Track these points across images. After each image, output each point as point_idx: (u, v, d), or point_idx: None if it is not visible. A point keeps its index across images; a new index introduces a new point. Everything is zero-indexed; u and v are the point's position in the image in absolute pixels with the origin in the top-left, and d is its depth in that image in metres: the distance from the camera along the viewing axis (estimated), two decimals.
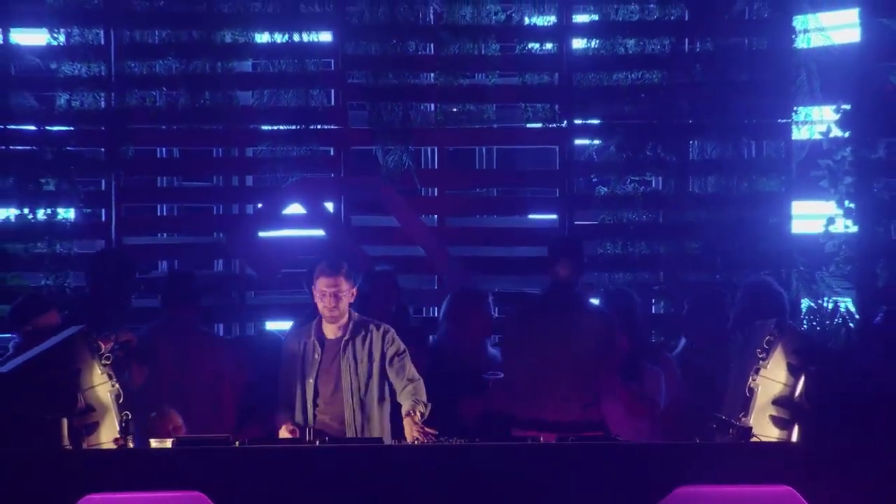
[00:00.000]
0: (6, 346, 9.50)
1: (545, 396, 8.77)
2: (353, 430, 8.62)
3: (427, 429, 8.40)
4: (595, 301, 9.53)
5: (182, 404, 8.78)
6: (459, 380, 8.98)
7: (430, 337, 9.54)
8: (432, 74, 10.57)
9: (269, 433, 8.73)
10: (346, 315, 8.56)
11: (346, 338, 8.63)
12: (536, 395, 8.77)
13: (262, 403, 9.00)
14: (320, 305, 8.47)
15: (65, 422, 7.95)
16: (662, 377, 9.23)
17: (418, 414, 8.43)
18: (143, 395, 8.77)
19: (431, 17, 10.54)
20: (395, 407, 8.67)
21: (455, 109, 10.57)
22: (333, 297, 8.46)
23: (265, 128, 10.52)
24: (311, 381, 8.66)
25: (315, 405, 8.68)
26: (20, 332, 8.88)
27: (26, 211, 10.25)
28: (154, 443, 8.21)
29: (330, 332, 8.65)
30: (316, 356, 8.65)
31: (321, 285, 8.46)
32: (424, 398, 8.54)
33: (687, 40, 10.52)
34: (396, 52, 10.49)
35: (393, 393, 8.62)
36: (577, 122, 10.58)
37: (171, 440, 8.24)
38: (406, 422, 8.47)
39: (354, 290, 8.54)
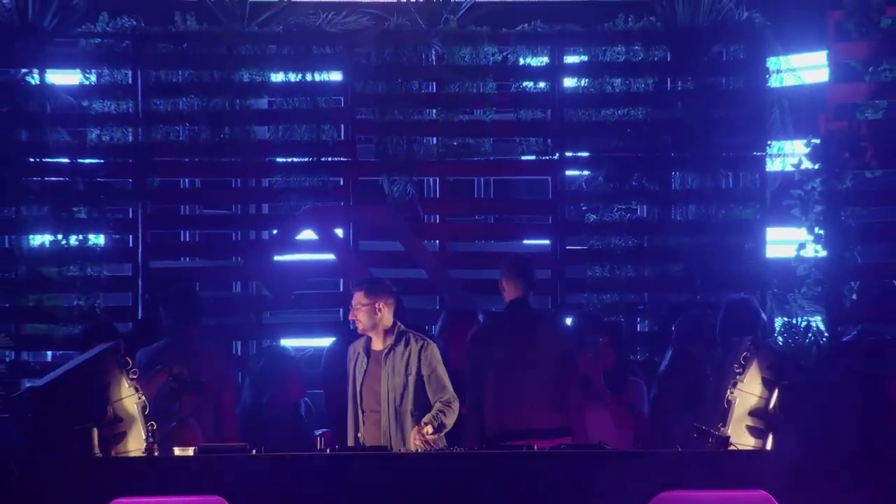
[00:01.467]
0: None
1: (514, 405, 8.76)
2: (389, 439, 8.59)
3: (427, 437, 8.40)
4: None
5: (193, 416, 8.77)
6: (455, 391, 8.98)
7: None
8: (434, 111, 10.57)
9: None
10: (384, 327, 8.57)
11: (385, 350, 8.64)
12: (505, 404, 8.77)
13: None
14: None
15: (95, 431, 7.95)
16: (644, 388, 9.24)
17: (427, 427, 8.42)
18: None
19: (433, 58, 10.54)
20: None
21: (455, 143, 10.56)
22: (354, 311, 8.52)
23: (280, 160, 10.51)
24: (358, 389, 8.69)
25: (363, 412, 8.67)
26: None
27: (60, 237, 10.23)
28: (177, 450, 8.20)
29: (375, 343, 8.67)
30: (362, 366, 8.66)
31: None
32: (445, 420, 8.48)
33: (669, 80, 10.52)
34: (401, 90, 10.48)
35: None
36: (568, 154, 10.57)
37: (192, 448, 8.24)
38: (413, 431, 8.47)
39: (382, 305, 8.53)
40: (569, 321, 9.62)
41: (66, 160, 10.36)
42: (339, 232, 10.50)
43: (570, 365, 8.77)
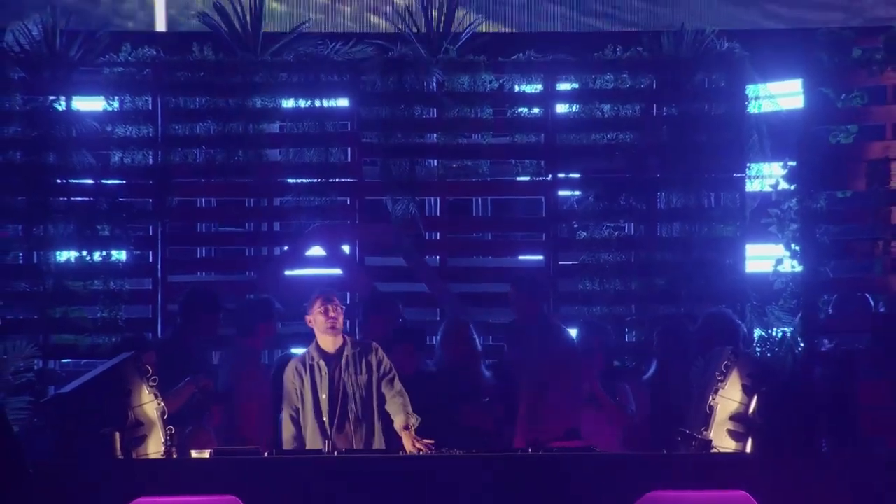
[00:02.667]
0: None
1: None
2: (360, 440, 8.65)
3: (424, 440, 8.42)
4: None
5: (241, 421, 8.74)
6: (455, 397, 9.01)
7: (428, 362, 9.54)
8: (435, 135, 10.56)
9: None
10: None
11: (338, 353, 8.68)
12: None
13: None
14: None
15: (117, 435, 7.98)
16: (630, 392, 9.26)
17: (412, 428, 8.45)
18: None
19: (434, 85, 10.51)
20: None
21: (455, 165, 10.54)
22: (338, 316, 8.76)
23: (290, 181, 10.49)
24: (324, 396, 8.69)
25: (331, 418, 8.67)
26: None
27: (85, 253, 10.22)
28: (194, 453, 8.23)
29: (328, 348, 8.74)
30: (323, 374, 8.68)
31: None
32: (411, 410, 8.55)
33: (655, 106, 10.51)
34: (404, 115, 10.47)
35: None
36: (560, 175, 10.55)
37: (208, 451, 8.26)
38: (404, 435, 8.47)
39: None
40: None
41: (90, 181, 10.35)
42: (346, 248, 10.49)
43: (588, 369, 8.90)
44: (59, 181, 10.27)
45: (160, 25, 11.19)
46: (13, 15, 10.44)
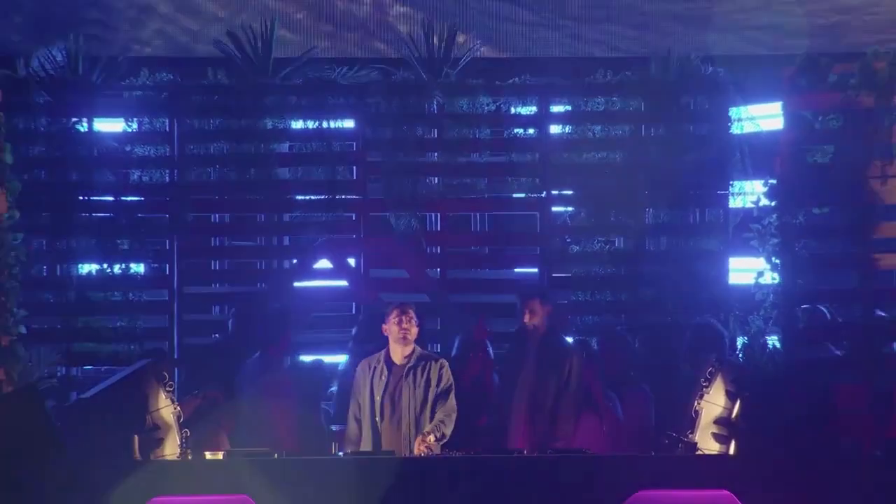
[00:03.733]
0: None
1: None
2: (408, 446, 8.63)
3: (431, 445, 8.41)
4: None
5: (271, 425, 8.77)
6: (471, 405, 9.01)
7: None
8: (436, 154, 10.57)
9: None
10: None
11: (407, 365, 8.67)
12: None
13: None
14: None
15: (136, 438, 7.99)
16: (616, 399, 9.22)
17: (430, 437, 8.42)
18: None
19: (435, 107, 10.52)
20: None
21: (454, 182, 10.55)
22: (410, 325, 8.75)
23: (299, 197, 10.50)
24: (378, 400, 8.70)
25: (381, 422, 8.68)
26: None
27: (105, 266, 10.24)
28: (208, 455, 8.23)
29: (396, 358, 8.74)
30: (382, 379, 8.68)
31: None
32: (446, 430, 8.51)
33: (643, 127, 10.50)
34: (406, 135, 10.48)
35: None
36: (554, 192, 10.56)
37: (222, 452, 8.27)
38: (416, 439, 8.47)
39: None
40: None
41: (110, 198, 10.38)
42: (352, 261, 10.49)
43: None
44: (81, 198, 10.29)
45: (176, 51, 11.20)
46: (40, 41, 10.47)
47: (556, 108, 10.60)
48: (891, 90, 9.47)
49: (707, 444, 8.40)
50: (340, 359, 9.80)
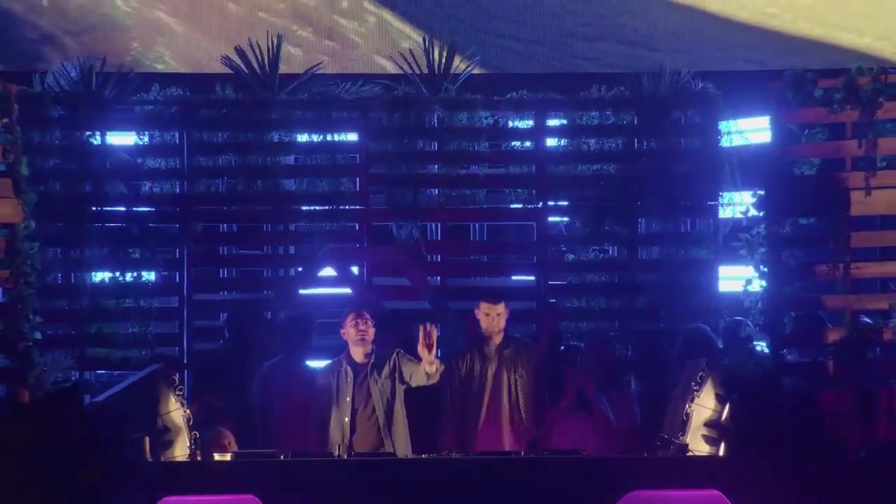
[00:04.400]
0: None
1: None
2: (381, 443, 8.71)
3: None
4: None
5: (291, 427, 8.81)
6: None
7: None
8: (436, 166, 10.57)
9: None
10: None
11: (368, 363, 8.78)
12: None
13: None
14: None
15: (147, 440, 7.99)
16: (605, 401, 9.22)
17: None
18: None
19: (435, 121, 10.53)
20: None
21: (454, 193, 10.55)
22: (367, 329, 8.88)
23: (304, 208, 10.51)
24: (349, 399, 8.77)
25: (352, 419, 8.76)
26: None
27: (117, 274, 10.25)
28: (216, 456, 8.23)
29: (357, 357, 8.84)
30: (348, 378, 8.81)
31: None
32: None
33: (636, 140, 10.51)
34: (407, 148, 10.49)
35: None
36: (550, 203, 10.57)
37: (230, 454, 8.27)
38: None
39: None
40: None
41: (122, 209, 10.38)
42: (355, 269, 10.49)
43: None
44: (94, 209, 10.29)
45: (186, 67, 11.23)
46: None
47: (552, 122, 10.61)
48: (874, 105, 9.48)
49: (698, 445, 8.39)
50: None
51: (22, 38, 11.06)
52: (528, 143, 10.61)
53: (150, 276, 10.35)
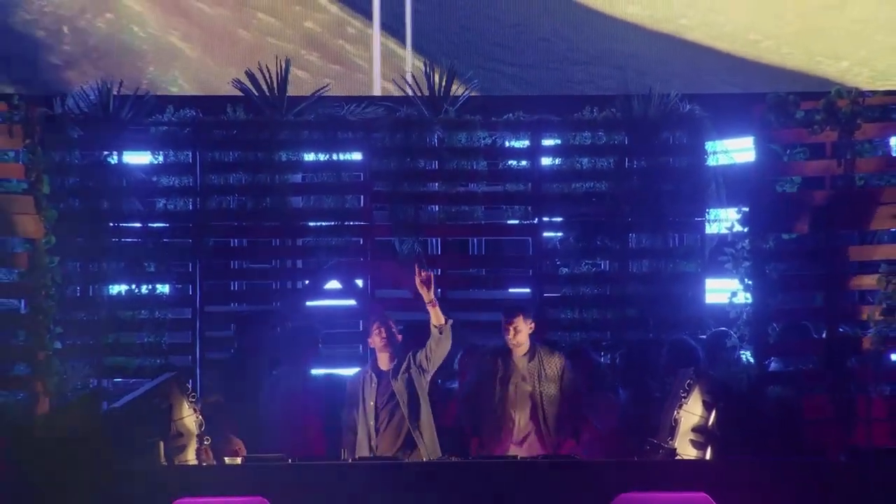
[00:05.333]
0: None
1: None
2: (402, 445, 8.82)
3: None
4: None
5: (294, 432, 8.83)
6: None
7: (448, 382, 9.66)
8: (436, 184, 10.57)
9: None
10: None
11: (392, 370, 8.97)
12: None
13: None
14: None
15: (161, 444, 8.02)
16: (615, 403, 9.23)
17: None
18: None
19: (436, 141, 10.53)
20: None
21: (453, 210, 10.54)
22: (389, 334, 8.99)
23: (311, 224, 10.50)
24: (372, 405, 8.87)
25: (376, 424, 8.86)
26: None
27: (133, 287, 10.24)
28: (227, 460, 8.27)
29: (382, 364, 8.95)
30: (373, 385, 8.90)
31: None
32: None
33: (627, 159, 10.50)
34: (409, 167, 10.49)
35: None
36: (545, 219, 10.56)
37: (240, 458, 8.31)
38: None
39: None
40: None
41: (138, 224, 10.38)
42: (359, 282, 10.51)
43: None
44: (111, 225, 10.27)
45: (199, 90, 11.26)
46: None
47: (547, 142, 10.62)
48: (852, 126, 9.53)
49: (685, 450, 8.42)
50: (350, 372, 9.82)
51: (45, 63, 11.10)
52: (524, 162, 10.62)
53: (164, 288, 10.34)
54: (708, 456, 8.37)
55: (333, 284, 10.51)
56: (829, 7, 11.32)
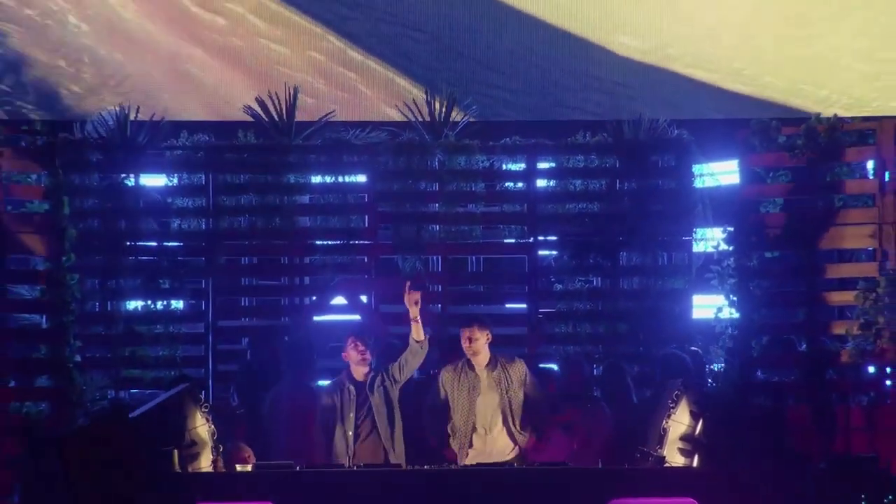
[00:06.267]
0: None
1: None
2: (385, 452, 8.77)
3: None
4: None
5: (298, 440, 8.85)
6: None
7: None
8: (437, 204, 10.58)
9: None
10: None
11: (368, 381, 8.93)
12: None
13: None
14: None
15: (176, 452, 8.02)
16: (607, 412, 9.25)
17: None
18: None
19: (436, 164, 10.55)
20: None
21: (453, 229, 10.55)
22: (366, 350, 8.98)
23: (318, 242, 10.51)
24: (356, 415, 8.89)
25: (356, 433, 8.85)
26: None
27: (149, 302, 10.27)
28: (238, 467, 8.28)
29: (358, 376, 8.94)
30: (352, 397, 8.89)
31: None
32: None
33: (618, 181, 10.53)
34: (412, 189, 10.52)
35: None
36: (540, 238, 10.58)
37: (250, 465, 8.32)
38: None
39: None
40: None
41: (154, 243, 10.41)
42: (364, 298, 10.53)
43: None
44: (128, 244, 10.29)
45: (211, 115, 11.29)
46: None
47: (542, 165, 10.64)
48: (831, 150, 9.59)
49: (674, 457, 8.44)
50: None
51: (66, 91, 11.15)
52: (520, 184, 10.65)
53: (178, 304, 10.37)
54: (695, 463, 8.38)
55: (339, 300, 10.53)
56: (809, 37, 11.38)
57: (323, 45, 11.45)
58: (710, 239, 10.29)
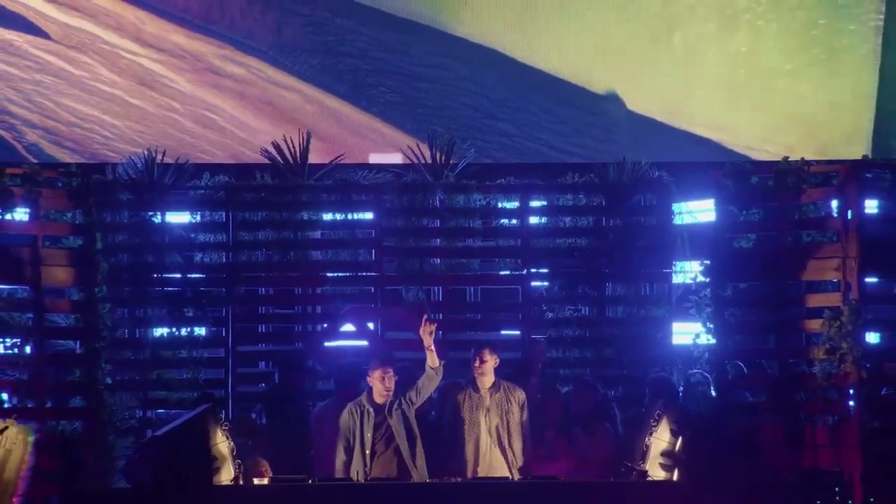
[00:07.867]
0: None
1: None
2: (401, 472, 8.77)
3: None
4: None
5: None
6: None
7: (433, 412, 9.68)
8: (438, 240, 10.62)
9: None
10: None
11: (387, 404, 8.90)
12: None
13: None
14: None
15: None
16: (612, 433, 9.28)
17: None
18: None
19: (437, 202, 10.58)
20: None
21: (453, 262, 10.58)
22: (389, 381, 8.96)
23: (329, 274, 10.52)
24: (372, 437, 8.95)
25: (372, 454, 8.86)
26: None
27: (174, 329, 10.29)
28: (255, 480, 8.32)
29: (378, 399, 8.93)
30: (370, 420, 8.89)
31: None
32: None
33: (604, 218, 10.55)
34: (414, 225, 10.54)
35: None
36: (533, 270, 10.59)
37: (267, 479, 8.36)
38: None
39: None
40: None
41: (178, 275, 10.42)
42: (371, 325, 10.53)
43: None
44: (155, 276, 10.32)
45: (231, 158, 11.34)
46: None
47: (534, 203, 10.66)
48: (799, 191, 9.65)
49: (656, 472, 8.48)
50: None
51: (98, 136, 11.24)
52: (514, 221, 10.66)
53: (201, 331, 10.38)
54: (675, 477, 8.41)
55: (348, 327, 10.54)
56: (779, 90, 11.49)
57: (334, 94, 11.55)
58: (689, 271, 10.30)
